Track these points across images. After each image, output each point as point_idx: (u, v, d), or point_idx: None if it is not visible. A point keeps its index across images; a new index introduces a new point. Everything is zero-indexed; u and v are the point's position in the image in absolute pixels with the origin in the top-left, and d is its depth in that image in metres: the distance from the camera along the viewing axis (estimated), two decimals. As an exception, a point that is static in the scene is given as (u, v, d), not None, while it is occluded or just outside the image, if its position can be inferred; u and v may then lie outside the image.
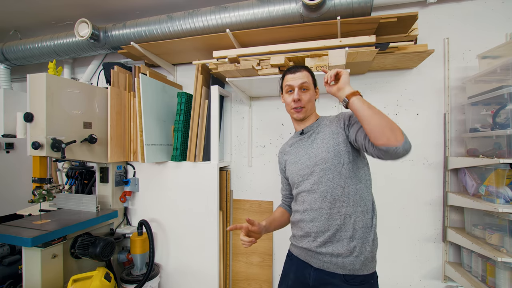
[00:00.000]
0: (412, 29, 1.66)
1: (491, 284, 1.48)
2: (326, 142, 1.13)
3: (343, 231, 1.05)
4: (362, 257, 1.04)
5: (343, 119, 1.14)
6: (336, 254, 1.05)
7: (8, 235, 1.43)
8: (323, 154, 1.10)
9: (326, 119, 1.22)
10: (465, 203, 1.60)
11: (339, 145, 1.09)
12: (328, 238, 1.06)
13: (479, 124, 1.62)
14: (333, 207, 1.06)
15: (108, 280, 1.60)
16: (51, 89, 1.59)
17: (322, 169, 1.09)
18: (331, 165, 1.08)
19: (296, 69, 1.21)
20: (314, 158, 1.13)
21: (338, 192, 1.06)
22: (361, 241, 1.05)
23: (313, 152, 1.15)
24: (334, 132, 1.13)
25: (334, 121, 1.17)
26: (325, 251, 1.07)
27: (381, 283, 1.99)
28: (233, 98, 2.29)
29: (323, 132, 1.16)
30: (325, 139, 1.13)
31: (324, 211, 1.07)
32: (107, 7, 2.26)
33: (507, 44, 1.52)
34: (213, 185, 1.91)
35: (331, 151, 1.09)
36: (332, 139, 1.11)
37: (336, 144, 1.10)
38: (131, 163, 2.13)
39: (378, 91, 1.97)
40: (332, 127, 1.15)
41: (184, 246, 1.98)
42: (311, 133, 1.21)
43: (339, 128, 1.12)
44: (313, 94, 1.22)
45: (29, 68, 2.99)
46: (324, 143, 1.13)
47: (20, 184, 2.44)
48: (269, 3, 1.78)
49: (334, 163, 1.08)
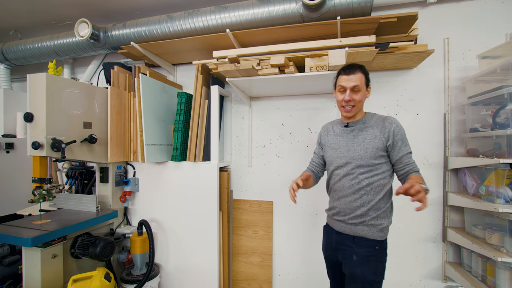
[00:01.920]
0: (412, 29, 1.66)
1: (491, 284, 1.48)
2: (367, 142, 1.30)
3: (359, 210, 1.30)
4: (371, 227, 1.29)
5: (389, 134, 1.28)
6: (351, 223, 1.33)
7: (8, 235, 1.43)
8: (361, 152, 1.30)
9: (373, 119, 1.34)
10: (465, 203, 1.60)
11: (378, 149, 1.28)
12: (348, 214, 1.34)
13: (479, 124, 1.62)
14: (357, 193, 1.30)
15: (108, 280, 1.60)
16: (51, 89, 1.59)
17: (357, 165, 1.30)
18: (365, 163, 1.28)
19: (350, 70, 1.31)
20: (353, 152, 1.32)
21: (364, 183, 1.29)
22: (372, 216, 1.29)
23: (353, 146, 1.33)
24: (376, 136, 1.29)
25: (379, 126, 1.31)
26: (341, 218, 1.36)
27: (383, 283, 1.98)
28: (233, 98, 2.29)
29: (366, 132, 1.32)
30: (367, 139, 1.30)
31: (349, 197, 1.32)
32: (107, 7, 2.26)
33: (507, 44, 1.52)
34: (213, 185, 1.91)
35: (369, 151, 1.28)
36: (373, 142, 1.29)
37: (375, 148, 1.28)
38: (131, 163, 2.13)
39: (378, 91, 1.97)
40: (376, 131, 1.30)
41: (184, 246, 1.98)
42: (354, 128, 1.36)
43: (382, 136, 1.28)
44: (364, 94, 1.33)
45: (29, 68, 2.99)
46: (365, 143, 1.30)
47: (20, 184, 2.44)
48: (269, 3, 1.78)
49: (368, 161, 1.28)
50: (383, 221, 1.29)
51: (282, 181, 2.15)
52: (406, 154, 1.28)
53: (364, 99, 1.34)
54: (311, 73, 1.61)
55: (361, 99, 1.31)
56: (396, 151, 1.28)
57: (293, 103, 2.14)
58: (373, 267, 1.29)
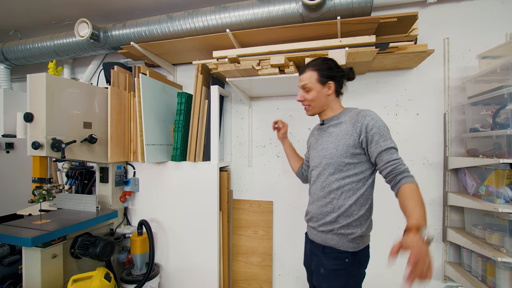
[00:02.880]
0: (412, 29, 1.66)
1: (491, 284, 1.48)
2: (338, 139, 1.18)
3: (329, 216, 1.19)
4: (341, 236, 1.17)
5: (361, 128, 1.13)
6: (321, 231, 1.22)
7: (8, 235, 1.43)
8: (332, 150, 1.19)
9: (348, 114, 1.21)
10: (465, 203, 1.60)
11: (349, 146, 1.15)
12: (319, 220, 1.24)
13: (479, 124, 1.62)
14: (327, 197, 1.19)
15: (108, 280, 1.60)
16: (51, 89, 1.59)
17: (327, 164, 1.20)
18: (335, 161, 1.17)
19: (301, 70, 1.27)
20: (325, 151, 1.22)
21: (334, 186, 1.17)
22: (342, 224, 1.16)
23: (326, 145, 1.23)
24: (348, 132, 1.16)
25: (352, 121, 1.17)
26: (313, 225, 1.27)
27: (381, 283, 1.99)
28: (233, 98, 2.29)
29: (340, 128, 1.20)
30: (339, 136, 1.19)
31: (320, 201, 1.22)
32: (107, 7, 2.26)
33: (507, 44, 1.52)
34: (213, 185, 1.91)
35: (340, 149, 1.16)
36: (344, 139, 1.16)
37: (346, 145, 1.15)
38: (131, 163, 2.13)
39: (378, 91, 1.97)
40: (348, 127, 1.17)
41: (184, 246, 1.98)
42: (329, 125, 1.26)
43: (354, 131, 1.15)
44: (320, 91, 1.23)
45: (29, 68, 2.99)
46: (337, 140, 1.19)
47: (20, 184, 2.44)
48: (269, 3, 1.78)
49: (338, 160, 1.16)
50: (355, 230, 1.14)
51: (282, 181, 2.15)
52: (386, 150, 1.08)
53: (324, 96, 1.23)
54: (311, 73, 1.61)
55: (314, 97, 1.22)
56: (373, 147, 1.10)
57: (293, 103, 2.13)
58: (342, 282, 1.15)
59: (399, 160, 1.08)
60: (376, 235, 2.02)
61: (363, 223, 1.17)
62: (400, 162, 1.08)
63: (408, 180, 1.03)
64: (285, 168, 2.14)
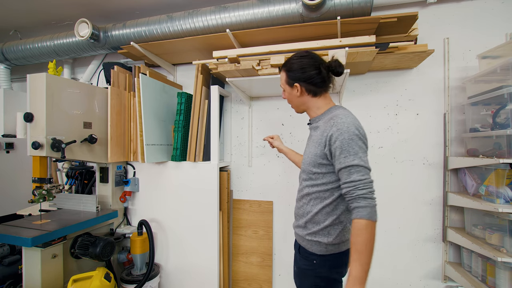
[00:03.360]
0: (412, 29, 1.66)
1: (491, 284, 1.48)
2: (311, 146, 1.16)
3: (301, 220, 1.19)
4: (310, 239, 1.15)
5: (326, 138, 1.05)
6: (296, 232, 1.24)
7: (8, 235, 1.43)
8: (305, 156, 1.18)
9: (325, 117, 1.14)
10: (465, 203, 1.60)
11: (316, 156, 1.10)
12: (296, 221, 1.24)
13: (479, 124, 1.62)
14: (300, 201, 1.20)
15: (108, 280, 1.60)
16: (51, 89, 1.59)
17: (302, 169, 1.21)
18: (305, 168, 1.16)
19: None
20: (304, 155, 1.21)
21: (305, 191, 1.17)
22: (310, 231, 1.15)
23: (306, 149, 1.21)
24: (318, 140, 1.11)
25: (323, 129, 1.10)
26: (293, 224, 1.26)
27: (381, 283, 1.99)
28: (233, 98, 2.29)
29: (316, 133, 1.15)
30: (313, 142, 1.14)
31: (297, 203, 1.24)
32: (107, 7, 2.26)
33: (507, 44, 1.52)
34: (213, 185, 1.91)
35: (309, 158, 1.14)
36: (314, 147, 1.12)
37: (313, 154, 1.12)
38: (131, 163, 2.13)
39: (378, 91, 1.97)
40: (319, 135, 1.11)
41: (184, 246, 1.98)
42: (311, 127, 1.24)
43: (322, 141, 1.08)
44: (290, 93, 1.20)
45: (29, 68, 2.99)
46: (309, 146, 1.18)
47: (20, 184, 2.44)
48: (269, 3, 1.78)
49: (307, 168, 1.15)
50: (322, 239, 1.10)
51: (282, 181, 2.15)
52: (346, 168, 0.96)
53: (295, 97, 1.19)
54: (311, 73, 1.61)
55: (287, 98, 1.23)
56: (335, 162, 1.01)
57: (293, 103, 2.14)
58: (311, 281, 1.15)
59: (356, 183, 0.95)
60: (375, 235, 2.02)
61: (331, 233, 1.10)
62: (356, 185, 0.95)
63: (358, 215, 0.93)
64: (285, 168, 2.14)
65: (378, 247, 2.00)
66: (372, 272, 2.09)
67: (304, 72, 1.13)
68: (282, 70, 1.21)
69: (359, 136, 1.00)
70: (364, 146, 1.02)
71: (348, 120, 1.02)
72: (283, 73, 1.20)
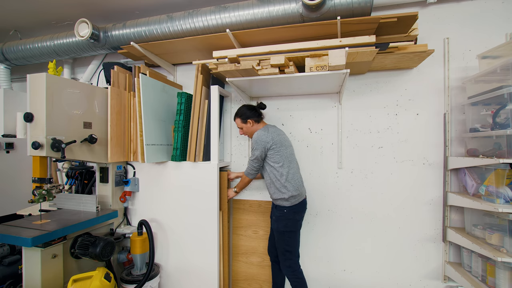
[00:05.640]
0: (412, 29, 1.66)
1: (491, 284, 1.48)
2: None
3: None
4: (274, 197, 1.81)
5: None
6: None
7: (8, 235, 1.43)
8: None
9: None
10: (465, 203, 1.60)
11: None
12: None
13: (479, 124, 1.62)
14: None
15: (108, 280, 1.60)
16: (51, 89, 1.59)
17: None
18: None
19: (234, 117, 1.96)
20: None
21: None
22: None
23: None
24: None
25: None
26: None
27: (381, 283, 1.99)
28: (233, 98, 2.29)
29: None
30: None
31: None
32: (107, 7, 2.26)
33: (507, 44, 1.52)
34: (213, 185, 1.91)
35: None
36: None
37: None
38: (131, 163, 2.13)
39: (378, 91, 1.97)
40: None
41: (184, 246, 1.98)
42: None
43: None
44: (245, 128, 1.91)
45: (29, 68, 3.00)
46: None
47: (20, 184, 2.44)
48: (269, 3, 1.78)
49: None
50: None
51: (282, 181, 2.15)
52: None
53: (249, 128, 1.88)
54: (311, 73, 1.61)
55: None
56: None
57: (293, 103, 2.14)
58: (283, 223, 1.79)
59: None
60: (376, 235, 2.03)
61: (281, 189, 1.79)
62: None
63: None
64: (285, 168, 2.14)
65: (378, 247, 2.01)
66: (372, 272, 2.10)
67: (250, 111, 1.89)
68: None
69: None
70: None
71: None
72: (238, 119, 1.90)
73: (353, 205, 2.01)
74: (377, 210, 1.96)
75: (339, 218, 2.05)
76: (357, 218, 2.01)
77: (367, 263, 2.00)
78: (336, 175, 2.05)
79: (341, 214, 2.04)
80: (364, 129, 2.00)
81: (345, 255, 2.04)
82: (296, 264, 1.80)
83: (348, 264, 2.04)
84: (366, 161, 1.99)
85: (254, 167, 1.81)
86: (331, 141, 2.06)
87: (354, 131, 2.02)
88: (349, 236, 2.03)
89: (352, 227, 2.02)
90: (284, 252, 1.78)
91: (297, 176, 1.80)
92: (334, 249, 2.05)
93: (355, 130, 2.02)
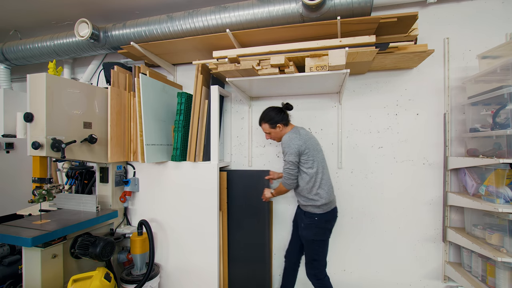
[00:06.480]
0: (412, 29, 1.66)
1: (491, 284, 1.48)
2: None
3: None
4: (304, 204, 1.74)
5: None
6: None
7: (8, 235, 1.43)
8: None
9: None
10: (465, 203, 1.61)
11: None
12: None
13: (479, 124, 1.62)
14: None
15: (108, 280, 1.60)
16: (51, 89, 1.59)
17: None
18: None
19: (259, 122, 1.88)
20: None
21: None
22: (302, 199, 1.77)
23: None
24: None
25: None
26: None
27: (382, 283, 1.99)
28: (233, 98, 2.29)
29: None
30: None
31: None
32: (107, 7, 2.26)
33: (507, 44, 1.52)
34: (213, 185, 1.91)
35: None
36: None
37: None
38: (131, 163, 2.13)
39: (378, 91, 1.97)
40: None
41: (184, 246, 1.98)
42: None
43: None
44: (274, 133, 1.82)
45: (29, 68, 2.99)
46: None
47: (20, 184, 2.44)
48: (269, 3, 1.78)
49: None
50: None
51: (282, 181, 2.15)
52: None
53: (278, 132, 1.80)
54: (311, 73, 1.61)
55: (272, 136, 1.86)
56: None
57: (293, 103, 2.12)
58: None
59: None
60: (376, 235, 2.03)
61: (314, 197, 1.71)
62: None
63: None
64: (285, 168, 2.14)
65: (378, 247, 2.01)
66: (372, 272, 2.10)
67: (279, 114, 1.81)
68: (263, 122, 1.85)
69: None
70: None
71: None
72: (265, 124, 1.81)
73: (353, 205, 2.01)
74: (377, 210, 1.96)
75: (339, 218, 2.04)
76: (357, 218, 2.01)
77: (367, 263, 2.00)
78: (336, 175, 2.05)
79: (341, 214, 2.04)
80: (364, 129, 2.00)
81: (345, 255, 2.04)
82: (322, 273, 1.74)
83: (348, 264, 2.04)
84: (366, 161, 1.99)
85: (292, 174, 1.66)
86: (331, 141, 2.06)
87: (354, 131, 2.02)
88: (349, 236, 2.03)
89: (352, 227, 2.02)
90: (311, 261, 1.73)
91: (330, 182, 1.73)
92: (334, 249, 2.05)
93: (355, 130, 2.02)
